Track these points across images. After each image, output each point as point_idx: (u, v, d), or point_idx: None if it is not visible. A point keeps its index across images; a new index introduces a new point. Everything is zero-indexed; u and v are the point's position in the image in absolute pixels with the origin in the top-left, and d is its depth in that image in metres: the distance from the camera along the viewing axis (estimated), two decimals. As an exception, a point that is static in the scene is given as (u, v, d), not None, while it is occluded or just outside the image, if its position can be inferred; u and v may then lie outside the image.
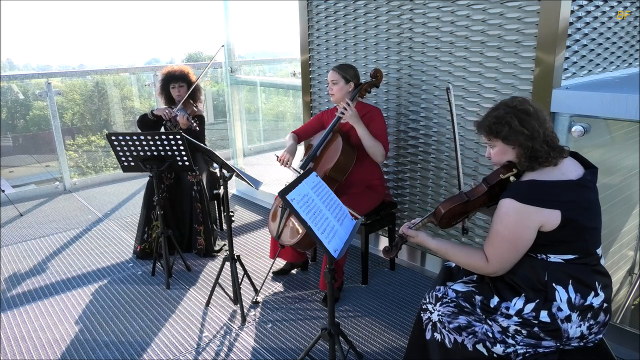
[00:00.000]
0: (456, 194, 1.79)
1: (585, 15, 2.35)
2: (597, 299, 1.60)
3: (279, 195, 1.78)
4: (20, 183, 5.67)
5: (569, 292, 1.58)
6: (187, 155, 2.91)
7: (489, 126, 1.67)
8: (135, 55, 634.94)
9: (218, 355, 2.42)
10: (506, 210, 1.60)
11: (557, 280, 1.60)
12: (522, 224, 1.57)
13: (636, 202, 2.86)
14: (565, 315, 1.57)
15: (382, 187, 2.99)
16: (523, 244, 1.60)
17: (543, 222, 1.56)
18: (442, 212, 1.77)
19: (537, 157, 1.61)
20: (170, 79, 3.49)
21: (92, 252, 3.62)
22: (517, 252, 1.62)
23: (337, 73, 2.80)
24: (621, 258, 2.88)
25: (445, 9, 2.68)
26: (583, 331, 1.59)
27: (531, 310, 1.60)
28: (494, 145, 1.70)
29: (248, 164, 5.28)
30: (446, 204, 1.77)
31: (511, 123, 1.62)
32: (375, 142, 2.75)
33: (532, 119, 1.61)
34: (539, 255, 1.64)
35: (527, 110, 1.63)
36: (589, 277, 1.61)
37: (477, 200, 1.73)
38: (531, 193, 1.58)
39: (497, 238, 1.63)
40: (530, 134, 1.60)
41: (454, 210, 1.77)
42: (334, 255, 1.79)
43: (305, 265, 3.25)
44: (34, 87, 6.03)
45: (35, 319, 2.78)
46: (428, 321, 1.79)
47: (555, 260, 1.62)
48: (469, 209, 1.78)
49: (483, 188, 1.71)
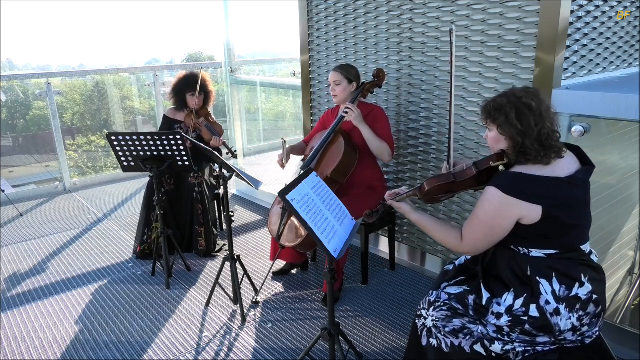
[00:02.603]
0: (444, 173, 1.81)
1: (585, 15, 2.35)
2: (583, 290, 1.59)
3: (279, 195, 1.78)
4: (20, 183, 5.67)
5: (553, 285, 1.59)
6: (187, 155, 2.91)
7: (489, 111, 1.67)
8: (135, 55, 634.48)
9: (218, 355, 2.42)
10: (489, 198, 1.61)
11: (541, 274, 1.61)
12: (501, 213, 1.59)
13: (636, 202, 2.86)
14: (554, 308, 1.58)
15: (383, 187, 2.99)
16: (498, 232, 1.63)
17: (523, 215, 1.58)
18: (427, 189, 1.79)
19: (525, 154, 1.60)
20: (188, 85, 3.43)
21: (92, 252, 3.62)
22: (491, 238, 1.65)
23: (340, 73, 2.79)
24: (621, 258, 2.88)
25: (445, 9, 2.68)
26: (574, 323, 1.59)
27: (521, 305, 1.61)
28: (491, 129, 1.70)
29: (248, 164, 5.28)
30: (432, 181, 1.79)
31: (508, 114, 1.61)
32: (381, 143, 2.75)
33: (532, 114, 1.59)
34: (521, 249, 1.65)
35: (530, 104, 1.60)
36: (573, 269, 1.61)
37: (463, 182, 1.75)
38: (516, 185, 1.58)
39: (476, 221, 1.66)
40: (523, 130, 1.58)
41: (439, 189, 1.79)
42: (334, 255, 1.79)
43: (306, 265, 3.25)
44: (34, 87, 6.03)
45: (35, 319, 2.78)
46: (423, 327, 1.79)
47: (536, 254, 1.63)
48: (454, 190, 1.80)
49: (472, 172, 1.72)
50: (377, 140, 2.73)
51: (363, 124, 2.72)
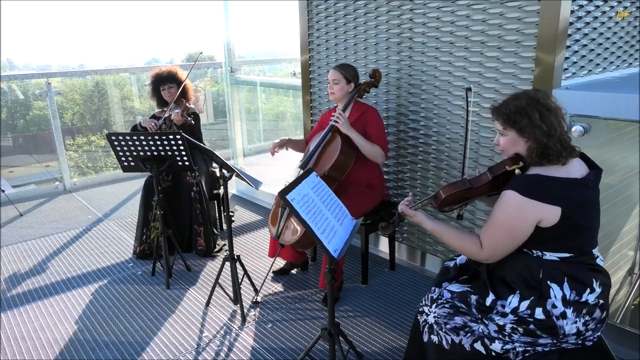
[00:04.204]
0: (459, 180, 1.78)
1: (585, 15, 2.35)
2: (592, 296, 1.60)
3: (279, 195, 1.78)
4: (20, 183, 5.67)
5: (564, 290, 1.59)
6: (187, 155, 2.91)
7: (507, 114, 1.64)
8: (135, 55, 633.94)
9: (218, 355, 2.42)
10: (507, 202, 1.60)
11: (552, 278, 1.60)
12: (521, 216, 1.58)
13: (636, 202, 2.86)
14: (560, 312, 1.58)
15: (382, 186, 2.99)
16: (519, 236, 1.61)
17: (542, 217, 1.56)
18: (443, 196, 1.77)
19: (548, 155, 1.60)
20: (159, 81, 3.48)
21: (92, 252, 3.62)
22: (512, 243, 1.63)
23: (339, 72, 2.82)
24: (621, 258, 2.88)
25: (445, 9, 2.68)
26: (579, 327, 1.59)
27: (526, 307, 1.61)
28: (505, 134, 1.68)
29: (248, 164, 5.28)
30: (448, 188, 1.77)
31: (532, 116, 1.60)
32: (372, 147, 2.76)
33: (552, 115, 1.60)
34: (534, 252, 1.64)
35: (549, 105, 1.61)
36: (585, 274, 1.61)
37: (479, 188, 1.73)
38: (534, 187, 1.58)
39: (495, 226, 1.63)
40: (547, 130, 1.59)
41: (455, 196, 1.77)
42: (334, 255, 1.79)
43: (305, 265, 3.25)
44: (34, 87, 6.03)
45: (35, 319, 2.78)
46: (425, 323, 1.79)
47: (550, 258, 1.62)
48: (470, 196, 1.78)
49: (487, 177, 1.71)
50: (367, 144, 2.75)
51: (351, 130, 2.75)
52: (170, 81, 3.47)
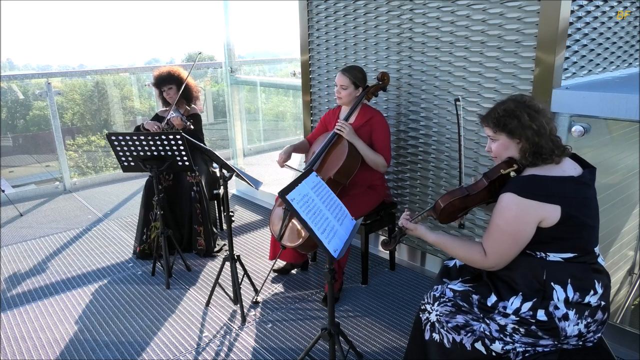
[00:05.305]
0: (456, 188, 1.79)
1: (585, 15, 2.35)
2: (595, 297, 1.60)
3: (279, 195, 1.78)
4: (20, 183, 5.68)
5: (567, 292, 1.59)
6: (187, 155, 2.91)
7: (497, 118, 1.67)
8: (135, 55, 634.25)
9: (218, 355, 2.42)
10: (506, 204, 1.59)
11: (556, 280, 1.60)
12: (522, 218, 1.57)
13: (636, 202, 2.86)
14: (563, 313, 1.58)
15: (383, 187, 2.99)
16: (522, 239, 1.60)
17: (543, 216, 1.56)
18: (442, 206, 1.77)
19: (541, 154, 1.61)
20: (158, 83, 3.49)
21: (92, 252, 3.62)
22: (516, 247, 1.62)
23: (348, 78, 2.79)
24: (621, 258, 2.88)
25: (445, 9, 2.68)
26: (581, 329, 1.59)
27: (528, 309, 1.60)
28: (497, 138, 1.70)
29: (248, 164, 5.28)
30: (446, 197, 1.77)
31: (521, 117, 1.62)
32: (375, 156, 2.76)
33: (541, 115, 1.63)
34: (538, 253, 1.64)
35: (536, 107, 1.65)
36: (588, 275, 1.61)
37: (477, 195, 1.73)
38: (532, 187, 1.58)
39: (497, 232, 1.63)
40: (537, 130, 1.61)
41: (454, 205, 1.76)
42: (334, 255, 1.79)
43: (306, 265, 3.25)
44: (34, 87, 6.03)
45: (35, 319, 2.78)
46: (427, 321, 1.79)
47: (554, 259, 1.62)
48: (469, 204, 1.78)
49: (484, 183, 1.71)
50: (372, 153, 2.75)
51: (356, 139, 2.74)
52: (169, 82, 3.46)
